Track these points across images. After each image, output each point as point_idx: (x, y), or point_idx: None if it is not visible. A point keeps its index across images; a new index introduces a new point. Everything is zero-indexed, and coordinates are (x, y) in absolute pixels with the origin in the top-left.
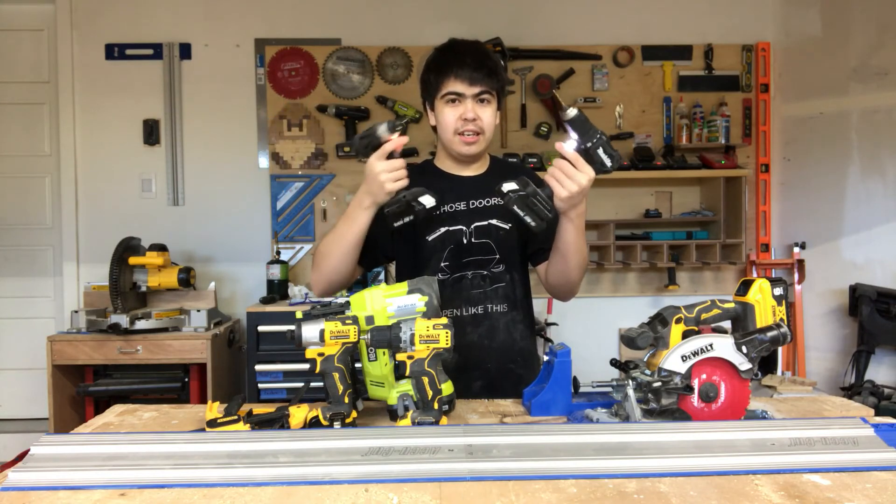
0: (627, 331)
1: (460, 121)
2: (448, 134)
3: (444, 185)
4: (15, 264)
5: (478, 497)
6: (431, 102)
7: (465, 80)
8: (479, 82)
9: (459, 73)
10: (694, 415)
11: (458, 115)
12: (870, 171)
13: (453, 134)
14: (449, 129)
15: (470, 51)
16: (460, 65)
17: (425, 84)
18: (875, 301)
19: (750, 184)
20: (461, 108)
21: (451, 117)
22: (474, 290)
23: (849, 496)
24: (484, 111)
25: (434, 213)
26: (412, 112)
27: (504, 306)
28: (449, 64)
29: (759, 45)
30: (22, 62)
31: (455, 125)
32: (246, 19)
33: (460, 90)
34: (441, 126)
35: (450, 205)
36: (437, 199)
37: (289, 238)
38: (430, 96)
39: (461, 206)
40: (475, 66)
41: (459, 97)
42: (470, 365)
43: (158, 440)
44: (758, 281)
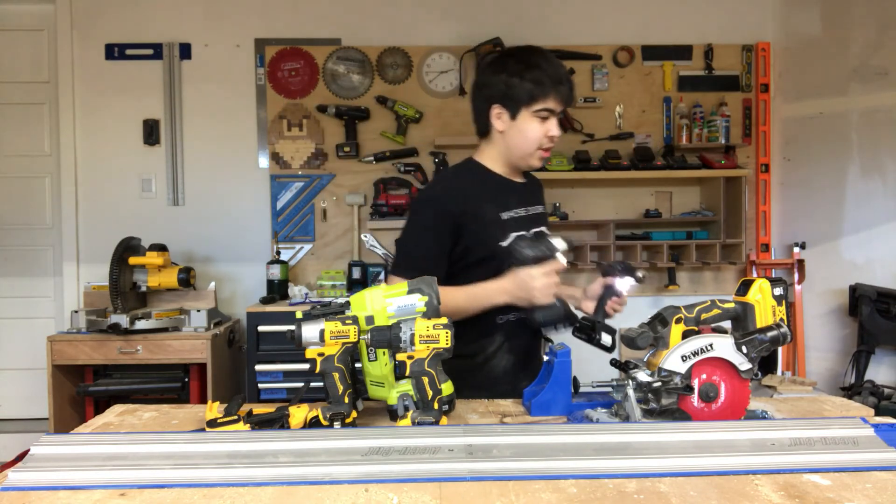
0: (627, 331)
1: (546, 137)
2: (531, 147)
3: (505, 189)
4: (15, 264)
5: (478, 497)
6: (514, 111)
7: (563, 98)
8: (569, 102)
9: (561, 92)
10: (694, 415)
11: (545, 131)
12: (870, 171)
13: (536, 148)
14: (534, 142)
15: (562, 68)
16: (561, 82)
17: (511, 90)
18: (875, 301)
19: (750, 184)
20: (548, 125)
21: (540, 132)
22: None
23: (849, 496)
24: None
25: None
26: (412, 112)
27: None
28: (551, 81)
29: (759, 45)
30: (22, 62)
31: (541, 141)
32: (246, 19)
33: (555, 107)
34: (526, 139)
35: (514, 210)
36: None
37: (289, 238)
38: (514, 104)
39: (521, 211)
40: (570, 86)
41: (551, 114)
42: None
43: (158, 440)
44: (758, 281)
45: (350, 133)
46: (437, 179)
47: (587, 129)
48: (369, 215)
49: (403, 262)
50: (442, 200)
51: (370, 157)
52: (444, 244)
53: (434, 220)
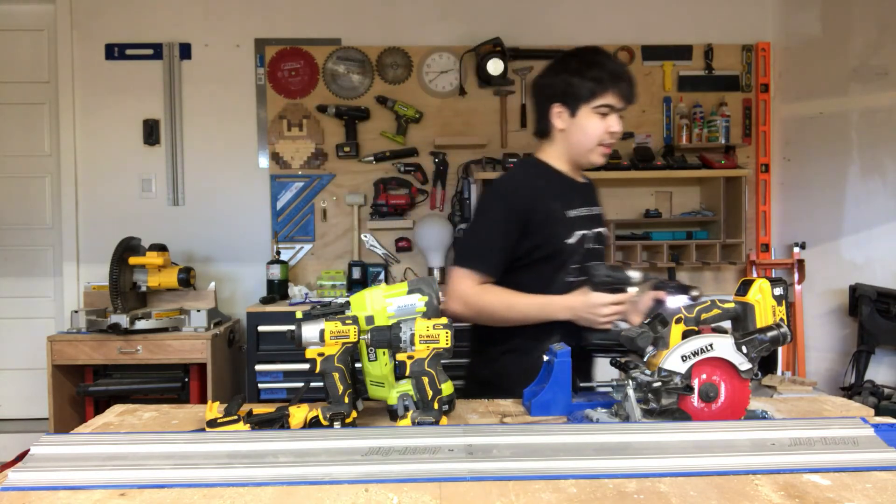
0: (627, 331)
1: (607, 133)
2: (591, 143)
3: (570, 188)
4: (15, 264)
5: (478, 497)
6: (574, 108)
7: (623, 95)
8: (631, 100)
9: (622, 89)
10: (694, 415)
11: (605, 127)
12: (870, 171)
13: (597, 144)
14: (594, 139)
15: (624, 67)
16: (621, 79)
17: (571, 88)
18: (875, 301)
19: (750, 184)
20: (609, 122)
21: (600, 129)
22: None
23: (849, 496)
24: (620, 124)
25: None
26: (412, 112)
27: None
28: (612, 77)
29: (759, 45)
30: (22, 62)
31: (602, 136)
32: (246, 19)
33: (615, 104)
34: (586, 135)
35: (577, 209)
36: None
37: (289, 238)
38: (574, 101)
39: (584, 210)
40: (629, 82)
41: (611, 110)
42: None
43: (158, 440)
44: (758, 281)
45: (350, 133)
46: (506, 176)
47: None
48: (369, 215)
49: (469, 253)
50: (511, 196)
51: (370, 157)
52: (511, 238)
53: (503, 214)
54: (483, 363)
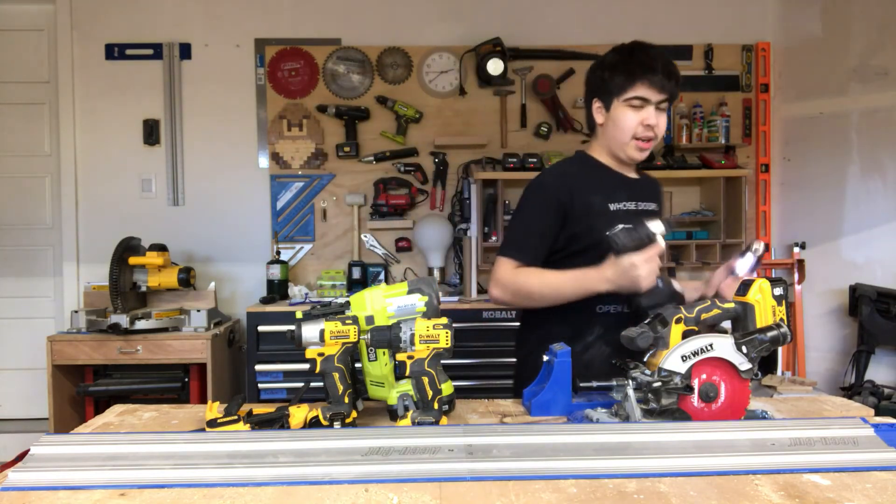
0: (627, 331)
1: (641, 126)
2: (625, 137)
3: (615, 182)
4: (15, 264)
5: (478, 497)
6: (608, 102)
7: (656, 86)
8: (666, 90)
9: (652, 79)
10: (694, 415)
11: (639, 119)
12: (870, 171)
13: (631, 138)
14: (628, 132)
15: (660, 57)
16: (653, 70)
17: (603, 82)
18: (875, 301)
19: (750, 184)
20: (644, 114)
21: (633, 121)
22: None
23: (849, 496)
24: (661, 118)
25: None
26: (412, 112)
27: None
28: (641, 68)
29: (759, 45)
30: (22, 62)
31: (635, 129)
32: (246, 19)
33: (647, 96)
34: (619, 128)
35: (623, 203)
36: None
37: (289, 238)
38: (608, 95)
39: (631, 205)
40: (666, 72)
41: (644, 102)
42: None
43: (158, 440)
44: (758, 281)
45: (350, 133)
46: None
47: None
48: (369, 215)
49: (508, 242)
50: (550, 187)
51: (370, 157)
52: (551, 228)
53: (542, 204)
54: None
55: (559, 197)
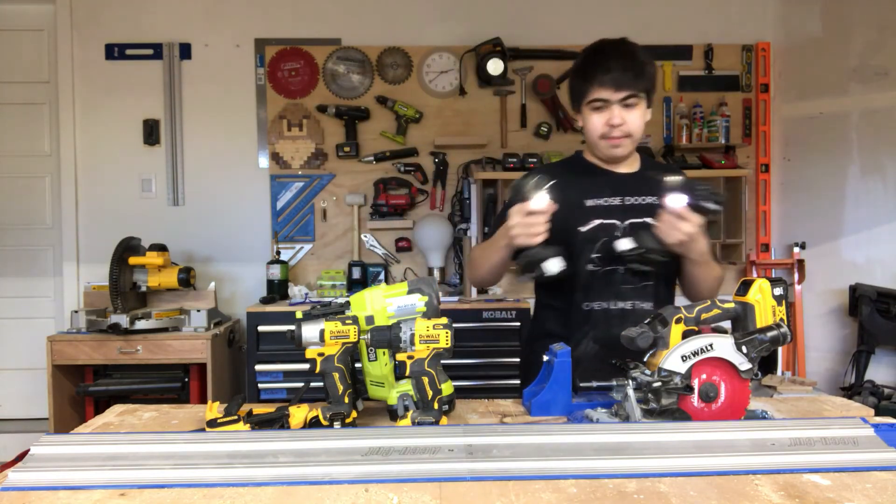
0: (627, 331)
1: (606, 126)
2: (594, 138)
3: (598, 179)
4: (15, 264)
5: (478, 497)
6: (579, 108)
7: (611, 85)
8: (625, 86)
9: (604, 80)
10: (694, 415)
11: (604, 120)
12: (870, 171)
13: (599, 138)
14: (595, 133)
15: (615, 54)
16: (605, 70)
17: (572, 90)
18: (875, 301)
19: (750, 184)
20: (607, 114)
21: (598, 123)
22: (624, 285)
23: (849, 496)
24: (631, 114)
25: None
26: (412, 112)
27: (650, 304)
28: (594, 70)
29: (759, 45)
30: (22, 62)
31: (601, 130)
32: (246, 19)
33: (605, 96)
34: (588, 131)
35: (605, 199)
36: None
37: (289, 238)
38: (576, 102)
39: (616, 201)
40: (621, 69)
41: (605, 103)
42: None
43: (158, 440)
44: (758, 281)
45: (350, 133)
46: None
47: None
48: (369, 215)
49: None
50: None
51: (370, 157)
52: None
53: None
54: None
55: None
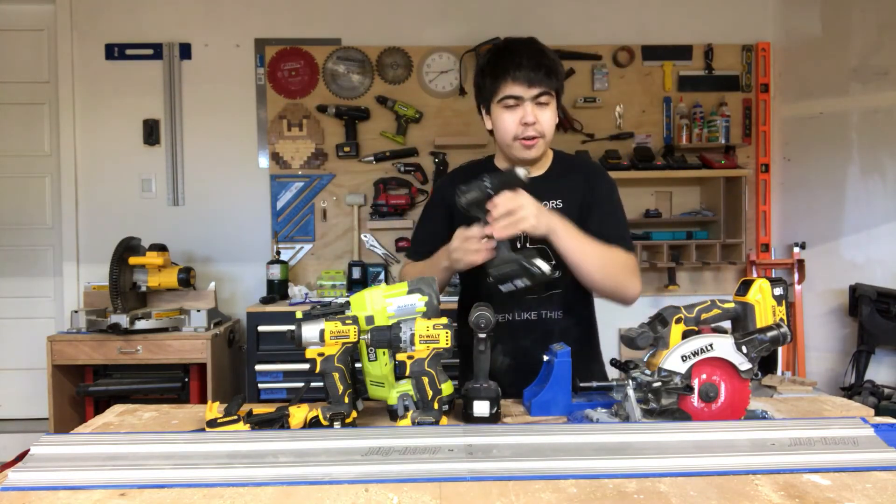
0: (627, 331)
1: (520, 126)
2: (507, 139)
3: None
4: (15, 264)
5: (478, 497)
6: (487, 106)
7: (523, 82)
8: (538, 84)
9: (517, 76)
10: (694, 415)
11: (517, 119)
12: (870, 171)
13: (513, 139)
14: (508, 134)
15: (526, 51)
16: (517, 66)
17: (479, 88)
18: (875, 301)
19: (750, 184)
20: (520, 112)
21: (511, 122)
22: (529, 295)
23: (849, 496)
24: (543, 113)
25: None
26: (412, 112)
27: (559, 313)
28: (505, 66)
29: (759, 45)
30: (22, 62)
31: (514, 130)
32: (246, 19)
33: (518, 93)
34: (499, 131)
35: None
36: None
37: (289, 238)
38: (485, 100)
39: None
40: (533, 66)
41: (518, 101)
42: (524, 369)
43: (158, 440)
44: (758, 281)
45: (350, 133)
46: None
47: (587, 129)
48: (369, 215)
49: (410, 243)
50: (440, 189)
51: (370, 157)
52: (439, 228)
53: (432, 207)
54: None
55: (446, 198)
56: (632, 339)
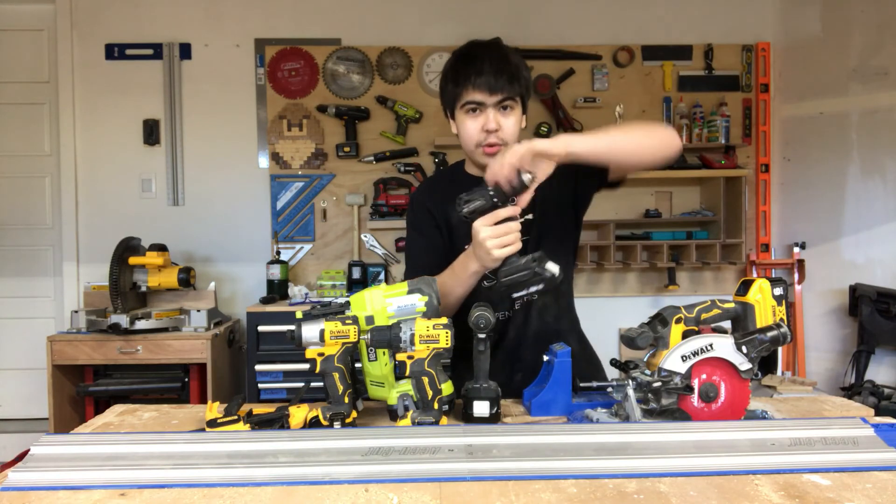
0: (627, 331)
1: (482, 132)
2: (470, 146)
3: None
4: (15, 264)
5: (478, 497)
6: (452, 112)
7: (484, 88)
8: (500, 90)
9: (477, 82)
10: (694, 415)
11: (479, 126)
12: (870, 171)
13: (475, 146)
14: (471, 141)
15: (488, 55)
16: (478, 72)
17: (443, 93)
18: (875, 301)
19: (750, 184)
20: (482, 119)
21: (473, 129)
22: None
23: (849, 496)
24: (507, 119)
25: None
26: (412, 112)
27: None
28: (466, 71)
29: (759, 45)
30: (22, 62)
31: (477, 137)
32: (246, 19)
33: (479, 99)
34: (462, 138)
35: None
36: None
37: (289, 238)
38: (449, 106)
39: None
40: (495, 71)
41: (480, 106)
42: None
43: (158, 440)
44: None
45: (350, 133)
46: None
47: (587, 129)
48: (369, 215)
49: (408, 264)
50: (419, 198)
51: (370, 157)
52: (433, 237)
53: (418, 220)
54: None
55: (428, 206)
56: (632, 339)
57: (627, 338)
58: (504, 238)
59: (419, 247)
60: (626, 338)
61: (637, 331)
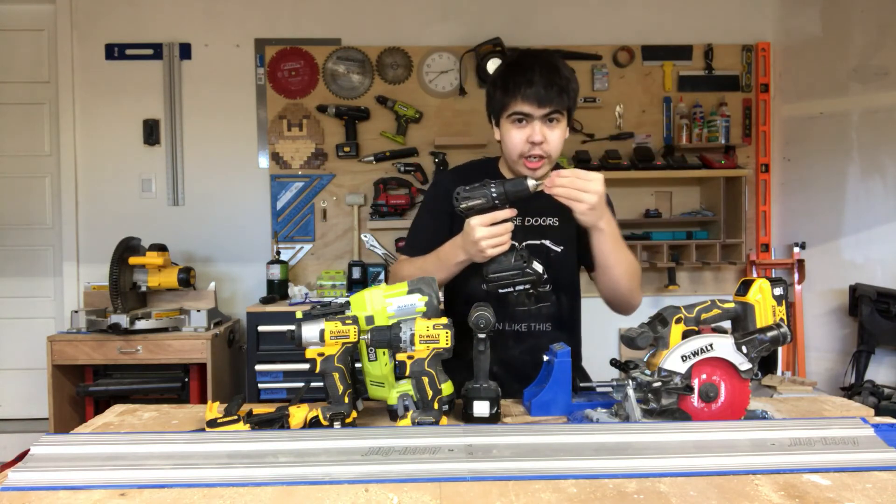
0: (627, 331)
1: (527, 144)
2: (513, 155)
3: None
4: (15, 264)
5: (478, 497)
6: (497, 119)
7: (533, 100)
8: (549, 102)
9: (527, 93)
10: (694, 415)
11: (524, 137)
12: (870, 171)
13: (518, 156)
14: (515, 151)
15: (539, 67)
16: (528, 83)
17: (490, 100)
18: (875, 301)
19: (750, 184)
20: (528, 130)
21: (518, 139)
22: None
23: (849, 496)
24: (552, 132)
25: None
26: (412, 112)
27: (548, 325)
28: (517, 82)
29: (759, 45)
30: (22, 62)
31: (521, 148)
32: (246, 19)
33: (527, 111)
34: (506, 147)
35: None
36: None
37: (289, 238)
38: (495, 113)
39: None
40: (545, 84)
41: (527, 118)
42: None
43: (158, 440)
44: (758, 281)
45: (350, 133)
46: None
47: (587, 129)
48: (369, 215)
49: (406, 241)
50: (442, 183)
51: (370, 157)
52: (441, 223)
53: (433, 201)
54: None
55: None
56: (632, 339)
57: (627, 338)
58: (498, 238)
59: (424, 227)
60: (626, 338)
61: (637, 331)
